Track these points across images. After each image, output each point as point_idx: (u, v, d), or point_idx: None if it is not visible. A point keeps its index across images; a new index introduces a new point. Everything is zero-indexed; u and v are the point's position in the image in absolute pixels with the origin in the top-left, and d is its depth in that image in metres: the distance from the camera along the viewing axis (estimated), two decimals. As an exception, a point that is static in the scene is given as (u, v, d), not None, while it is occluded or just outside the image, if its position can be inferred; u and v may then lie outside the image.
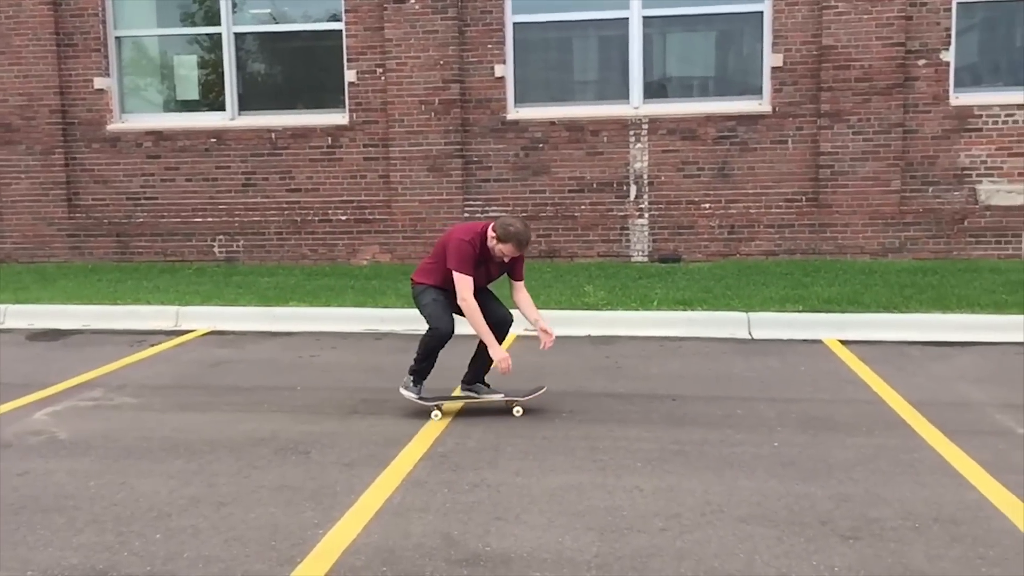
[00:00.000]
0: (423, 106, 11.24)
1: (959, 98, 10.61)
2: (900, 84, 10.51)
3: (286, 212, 11.74)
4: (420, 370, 5.64)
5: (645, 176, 11.12)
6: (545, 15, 11.29)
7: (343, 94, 11.57)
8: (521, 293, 5.73)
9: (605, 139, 11.14)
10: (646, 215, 11.17)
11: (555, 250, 11.32)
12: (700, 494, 4.23)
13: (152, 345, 7.82)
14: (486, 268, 5.60)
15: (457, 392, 5.86)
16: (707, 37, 11.68)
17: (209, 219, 11.88)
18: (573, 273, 10.17)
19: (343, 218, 11.63)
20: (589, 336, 7.84)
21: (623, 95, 11.25)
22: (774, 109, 10.85)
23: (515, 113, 11.33)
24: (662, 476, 4.48)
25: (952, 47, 10.51)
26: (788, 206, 10.93)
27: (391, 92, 11.28)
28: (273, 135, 11.68)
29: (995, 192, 10.62)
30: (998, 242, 10.63)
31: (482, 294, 5.63)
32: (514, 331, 7.89)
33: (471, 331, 5.55)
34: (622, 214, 11.20)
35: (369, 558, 3.63)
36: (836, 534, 3.76)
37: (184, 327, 8.50)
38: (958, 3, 10.50)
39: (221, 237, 11.88)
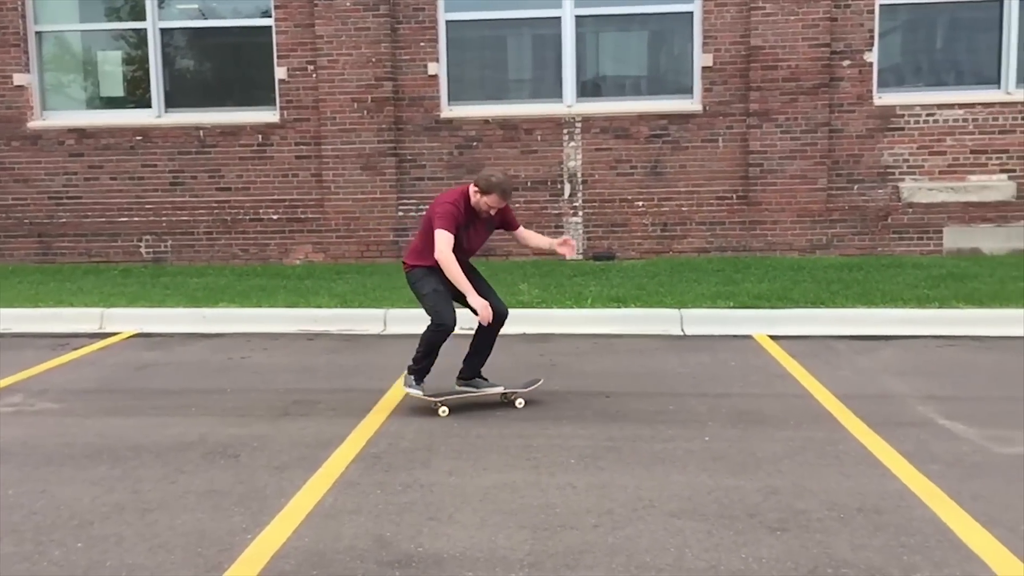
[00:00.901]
0: (356, 104, 11.13)
1: (882, 98, 10.89)
2: (826, 84, 10.74)
3: (216, 211, 11.53)
4: (422, 368, 5.56)
5: (579, 174, 11.18)
6: (478, 13, 11.28)
7: (273, 91, 11.40)
8: (523, 232, 5.82)
9: (539, 137, 11.17)
10: (580, 213, 11.23)
11: (490, 248, 11.29)
12: (632, 490, 4.26)
13: (75, 349, 7.60)
14: (475, 229, 5.53)
15: (456, 387, 5.76)
16: (639, 37, 11.79)
17: (135, 219, 11.60)
18: (508, 271, 10.17)
19: (275, 217, 11.46)
20: (524, 334, 7.84)
21: (557, 94, 11.29)
22: (705, 108, 11.00)
23: (449, 111, 11.29)
24: (595, 473, 4.50)
25: (875, 48, 10.78)
26: (719, 204, 11.09)
27: (323, 90, 11.15)
28: (201, 133, 11.45)
29: (917, 190, 10.92)
30: (920, 238, 10.94)
31: (479, 284, 5.57)
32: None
33: (467, 331, 5.48)
34: (556, 212, 11.25)
35: (299, 562, 3.57)
36: (764, 526, 3.82)
37: (109, 329, 8.29)
38: (881, 5, 10.78)
39: (148, 237, 11.61)
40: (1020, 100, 10.76)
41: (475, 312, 5.34)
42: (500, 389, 5.72)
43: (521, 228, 5.85)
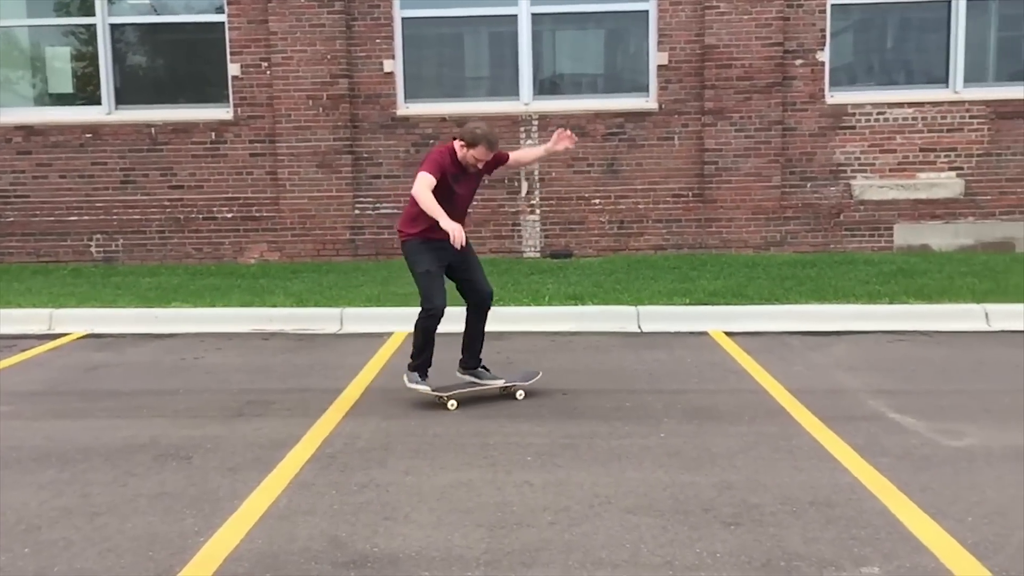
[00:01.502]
0: (311, 101, 11.03)
1: (834, 97, 11.04)
2: (779, 83, 10.86)
3: (168, 210, 11.36)
4: (422, 362, 5.60)
5: (536, 172, 11.19)
6: (434, 10, 11.24)
7: (227, 88, 11.26)
8: (516, 156, 5.83)
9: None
10: (537, 211, 11.24)
11: (447, 247, 11.26)
12: (589, 487, 4.27)
13: (23, 350, 7.44)
14: (465, 182, 5.50)
15: (458, 376, 5.83)
16: (596, 35, 11.83)
17: (85, 218, 11.39)
18: (465, 269, 10.14)
19: (229, 216, 11.32)
20: (481, 332, 7.83)
21: (513, 92, 11.29)
22: (660, 106, 11.07)
23: (405, 109, 11.24)
24: (552, 470, 4.51)
25: (827, 48, 10.92)
26: (675, 201, 11.17)
27: (277, 87, 11.04)
28: (153, 130, 11.28)
29: (868, 187, 11.09)
30: (871, 235, 11.11)
31: (469, 265, 5.64)
32: (406, 329, 7.88)
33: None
34: (514, 210, 11.25)
35: (252, 564, 3.53)
36: (719, 521, 3.85)
37: (58, 331, 8.12)
38: (832, 5, 10.92)
39: (98, 236, 11.41)
40: (968, 99, 10.97)
41: (455, 250, 5.31)
42: (501, 382, 5.79)
43: (511, 154, 5.82)
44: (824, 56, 10.92)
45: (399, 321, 8.00)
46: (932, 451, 4.68)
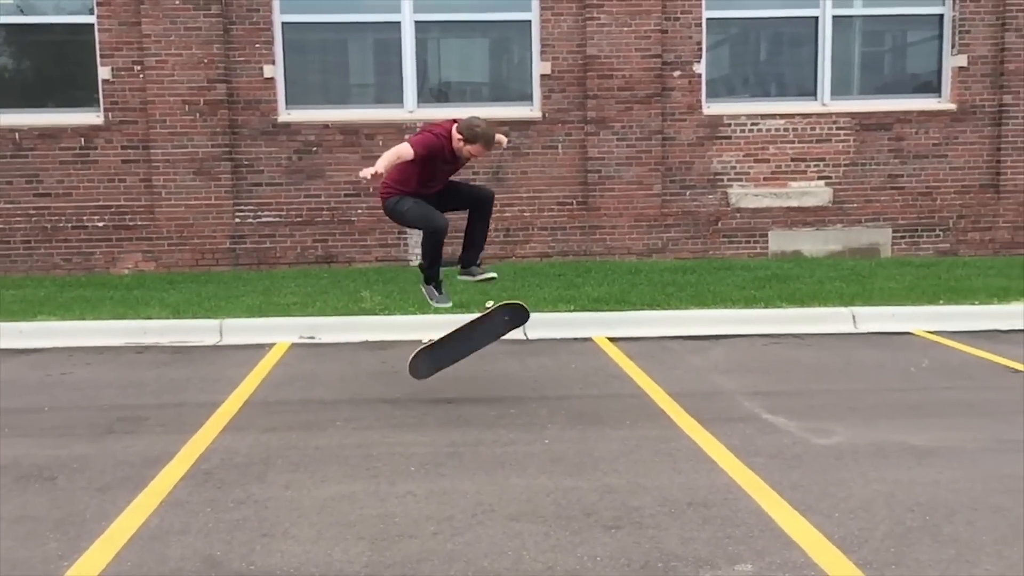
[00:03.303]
0: (187, 106, 10.70)
1: (711, 108, 11.38)
2: (658, 94, 11.13)
3: (34, 219, 10.82)
4: (432, 274, 5.97)
5: (421, 180, 11.12)
6: (315, 16, 11.08)
7: (97, 92, 10.81)
8: None
9: (381, 143, 11.04)
10: (423, 219, 11.17)
11: (332, 255, 11.12)
12: (473, 495, 4.26)
13: None
14: (452, 165, 5.77)
15: (459, 277, 6.22)
16: (480, 44, 11.88)
17: (-57, 227, 10.75)
18: (351, 278, 10.02)
19: (100, 224, 10.87)
20: (366, 342, 7.75)
21: (398, 99, 11.22)
22: (544, 115, 11.18)
23: (287, 115, 11.03)
24: (436, 480, 4.48)
25: (703, 60, 11.25)
26: (560, 209, 11.30)
27: (151, 91, 10.67)
28: (17, 135, 10.73)
29: (744, 195, 11.47)
30: (747, 242, 11.50)
31: (459, 188, 6.01)
32: (289, 339, 7.73)
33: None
34: (399, 218, 11.15)
35: (120, 589, 3.38)
36: (600, 525, 3.89)
37: (-89, 347, 7.63)
38: (708, 19, 11.26)
39: (-42, 247, 10.78)
40: (835, 111, 11.48)
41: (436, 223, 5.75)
42: (493, 275, 6.15)
43: None
44: (701, 68, 11.24)
45: (282, 331, 7.85)
46: (803, 450, 4.86)
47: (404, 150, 5.47)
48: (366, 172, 5.33)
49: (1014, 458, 4.69)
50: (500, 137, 6.04)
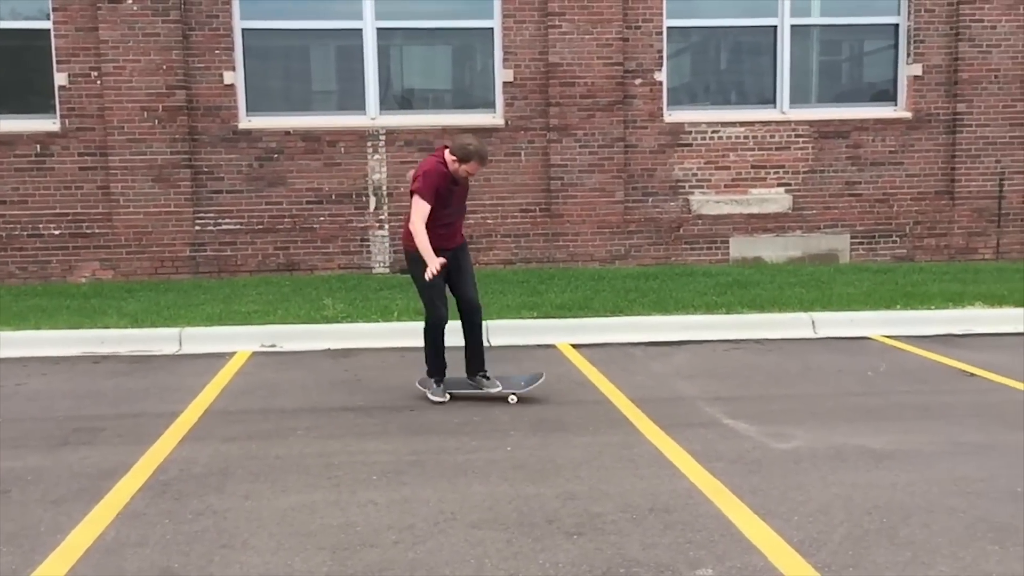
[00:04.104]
0: (145, 113, 10.58)
1: (672, 115, 11.47)
2: (620, 101, 11.20)
3: (-11, 227, 10.63)
4: (436, 367, 5.99)
5: (384, 187, 11.11)
6: (275, 22, 11.01)
7: (53, 98, 10.65)
8: None
9: (343, 150, 11.01)
10: (386, 226, 11.15)
11: (294, 263, 11.04)
12: (434, 503, 4.25)
13: None
14: (458, 191, 5.94)
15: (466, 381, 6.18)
16: (443, 51, 11.87)
17: None
18: (313, 286, 9.95)
19: (56, 232, 10.70)
20: (328, 350, 7.69)
21: (360, 106, 11.17)
22: (507, 122, 11.20)
23: (248, 122, 10.94)
24: (397, 488, 4.46)
25: (664, 68, 11.34)
26: (523, 216, 11.32)
27: (109, 97, 10.53)
28: (-29, 141, 10.54)
29: (705, 202, 11.57)
30: (709, 248, 11.59)
31: (461, 273, 6.03)
32: (250, 348, 7.66)
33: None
34: (362, 225, 11.12)
35: (75, 603, 3.32)
36: (562, 532, 3.90)
37: None
38: (669, 28, 11.35)
39: (-91, 255, 10.55)
40: (794, 119, 11.62)
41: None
42: (498, 389, 6.02)
43: None
44: (662, 76, 11.33)
45: (243, 340, 7.77)
46: (762, 454, 4.91)
47: (424, 209, 5.69)
48: (432, 270, 5.60)
49: (968, 460, 4.77)
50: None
